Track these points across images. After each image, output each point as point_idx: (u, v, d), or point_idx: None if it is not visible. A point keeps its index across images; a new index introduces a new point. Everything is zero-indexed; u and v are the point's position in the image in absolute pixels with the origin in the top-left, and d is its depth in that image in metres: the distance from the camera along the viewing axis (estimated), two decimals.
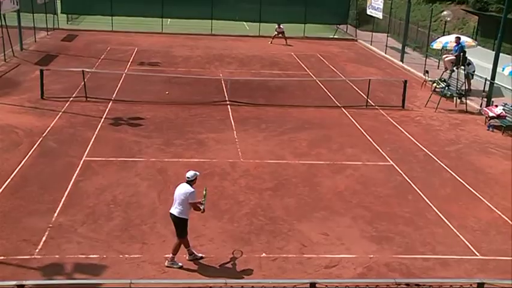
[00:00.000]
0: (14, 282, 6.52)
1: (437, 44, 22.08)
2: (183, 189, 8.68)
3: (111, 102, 17.23)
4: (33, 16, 26.04)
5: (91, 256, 8.87)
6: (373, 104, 18.53)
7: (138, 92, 18.43)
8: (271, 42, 29.92)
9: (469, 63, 20.26)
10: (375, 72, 23.88)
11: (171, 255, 8.78)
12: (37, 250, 8.94)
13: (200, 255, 9.03)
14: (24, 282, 6.58)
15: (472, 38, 23.77)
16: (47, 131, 14.31)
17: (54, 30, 29.89)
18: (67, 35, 28.92)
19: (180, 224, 8.70)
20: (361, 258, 9.25)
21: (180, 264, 8.79)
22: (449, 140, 15.51)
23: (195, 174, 8.80)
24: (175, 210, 8.71)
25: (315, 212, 10.77)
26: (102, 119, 15.54)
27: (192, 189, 8.68)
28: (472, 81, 20.36)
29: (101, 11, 31.31)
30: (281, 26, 29.92)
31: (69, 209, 10.31)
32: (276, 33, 30.11)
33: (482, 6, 28.79)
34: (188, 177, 8.74)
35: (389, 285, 6.92)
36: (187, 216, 8.74)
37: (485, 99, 18.27)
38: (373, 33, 30.80)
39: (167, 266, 8.74)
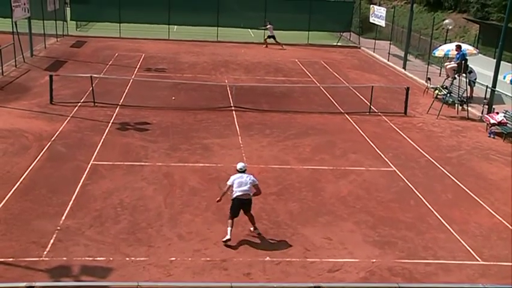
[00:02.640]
0: (24, 284, 6.61)
1: (439, 52, 22.23)
2: (248, 177, 9.89)
3: (118, 107, 17.42)
4: (43, 23, 26.36)
5: (98, 258, 8.96)
6: (375, 110, 18.67)
7: (145, 97, 18.63)
8: (266, 46, 30.05)
9: (471, 71, 20.38)
10: (378, 79, 24.03)
11: (253, 227, 10.02)
12: (45, 252, 9.04)
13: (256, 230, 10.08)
14: (33, 284, 6.69)
15: (473, 46, 23.87)
16: (55, 135, 14.49)
17: (64, 36, 30.26)
18: (76, 42, 29.27)
19: (251, 203, 9.96)
20: (363, 262, 9.32)
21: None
22: (451, 147, 15.63)
23: (245, 165, 10.26)
24: (247, 195, 9.78)
25: (319, 217, 10.88)
26: (110, 124, 15.71)
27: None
28: (473, 88, 20.51)
29: (109, 18, 31.76)
30: (270, 25, 29.94)
31: (76, 212, 10.43)
32: (268, 36, 30.07)
33: (484, 15, 28.95)
34: (241, 168, 10.04)
35: None
36: None
37: (487, 107, 18.37)
38: (376, 41, 30.99)
39: (257, 233, 9.96)
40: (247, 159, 13.58)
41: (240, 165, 10.15)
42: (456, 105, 19.19)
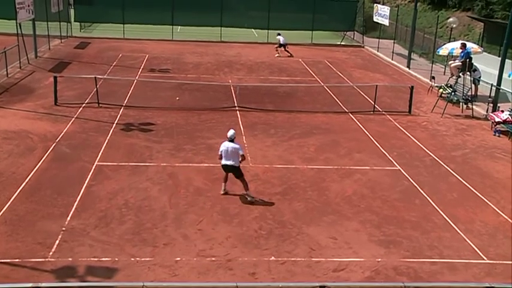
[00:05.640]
0: (30, 285, 6.65)
1: (443, 50, 22.15)
2: (233, 145, 11.17)
3: (122, 108, 17.46)
4: (47, 24, 26.45)
5: (103, 259, 8.98)
6: (380, 109, 18.64)
7: (149, 98, 18.67)
8: (279, 55, 28.40)
9: (475, 69, 20.31)
10: (382, 78, 23.99)
11: (247, 191, 11.29)
12: (51, 253, 9.07)
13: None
14: (39, 285, 6.72)
15: (477, 44, 23.81)
16: (60, 136, 14.54)
17: (68, 38, 30.38)
18: (80, 43, 29.35)
19: (238, 170, 11.31)
20: (369, 261, 9.32)
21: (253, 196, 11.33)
22: (456, 145, 15.58)
23: (234, 132, 11.39)
24: (230, 162, 11.19)
25: (323, 216, 10.87)
26: (114, 125, 15.75)
27: (239, 145, 11.42)
28: (478, 87, 20.44)
29: (113, 19, 31.79)
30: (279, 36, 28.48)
31: (81, 213, 10.46)
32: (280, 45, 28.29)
33: (488, 13, 28.84)
34: (231, 136, 11.21)
35: None
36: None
37: (492, 105, 18.32)
38: (380, 40, 30.93)
39: (251, 200, 11.20)
40: (252, 159, 13.60)
41: (230, 133, 11.27)
42: (461, 103, 19.14)
